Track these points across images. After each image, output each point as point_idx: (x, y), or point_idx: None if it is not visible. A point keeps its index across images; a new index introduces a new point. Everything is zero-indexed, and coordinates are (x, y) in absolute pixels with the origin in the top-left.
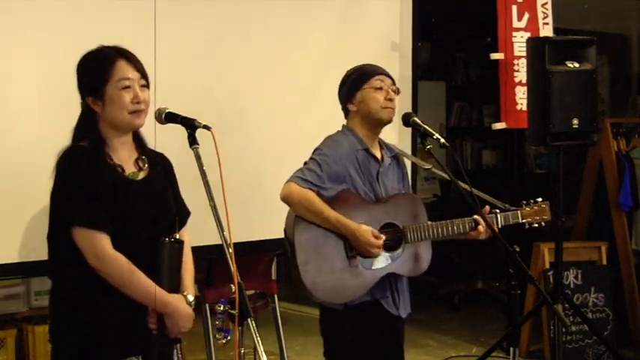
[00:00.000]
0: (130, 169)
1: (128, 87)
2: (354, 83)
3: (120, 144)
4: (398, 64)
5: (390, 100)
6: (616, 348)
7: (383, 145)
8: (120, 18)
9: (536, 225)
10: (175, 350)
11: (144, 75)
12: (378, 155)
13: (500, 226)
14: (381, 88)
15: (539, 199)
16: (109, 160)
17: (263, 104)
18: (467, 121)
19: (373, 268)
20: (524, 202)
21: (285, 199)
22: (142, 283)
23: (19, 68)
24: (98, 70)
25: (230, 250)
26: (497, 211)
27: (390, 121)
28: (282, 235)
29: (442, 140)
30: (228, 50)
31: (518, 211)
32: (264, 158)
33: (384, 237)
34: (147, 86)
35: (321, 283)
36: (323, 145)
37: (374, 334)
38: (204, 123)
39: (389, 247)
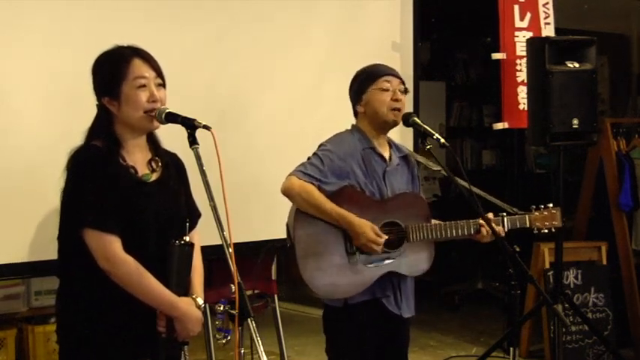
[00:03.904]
0: (143, 170)
1: (144, 86)
2: (362, 84)
3: (134, 145)
4: (399, 64)
5: (397, 100)
6: (616, 348)
7: (392, 145)
8: (121, 18)
9: (546, 231)
10: (183, 352)
11: (160, 74)
12: (386, 155)
13: (507, 229)
14: (387, 90)
15: (550, 205)
16: (122, 161)
17: (264, 104)
18: (467, 121)
19: (373, 265)
20: (534, 206)
21: (286, 191)
22: (151, 286)
23: (21, 68)
24: (114, 69)
25: (230, 250)
26: (504, 214)
27: (396, 123)
28: (282, 236)
29: (442, 140)
30: (229, 50)
31: (527, 216)
32: (265, 158)
33: (385, 237)
34: (163, 85)
35: (319, 278)
36: (328, 142)
37: (376, 332)
38: (204, 123)
39: (390, 245)
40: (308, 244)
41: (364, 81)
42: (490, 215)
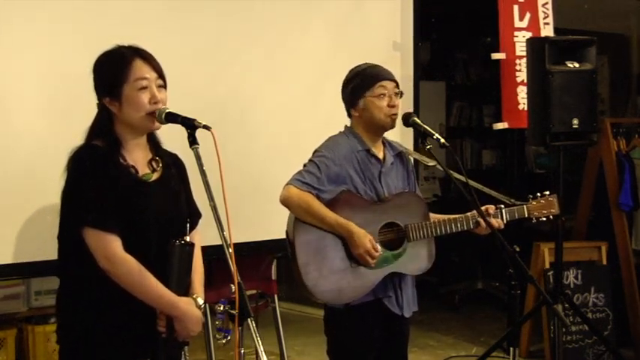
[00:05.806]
0: (143, 170)
1: (145, 87)
2: (357, 90)
3: (135, 145)
4: (399, 63)
5: (393, 106)
6: (616, 348)
7: (386, 143)
8: (120, 18)
9: (544, 219)
10: (183, 353)
11: (161, 75)
12: (380, 155)
13: (505, 221)
14: (384, 95)
15: (547, 193)
16: (122, 161)
17: (264, 104)
18: (467, 121)
19: (375, 268)
20: (531, 196)
21: (285, 202)
22: (151, 285)
23: (21, 69)
24: (115, 69)
25: (230, 250)
26: (502, 206)
27: (393, 127)
28: (282, 236)
29: (442, 140)
30: (229, 50)
31: (524, 206)
32: (264, 158)
33: (380, 251)
34: (164, 86)
35: (322, 284)
36: (322, 147)
37: (377, 333)
38: (204, 123)
39: (391, 246)
40: (308, 251)
41: (359, 86)
42: (491, 209)
